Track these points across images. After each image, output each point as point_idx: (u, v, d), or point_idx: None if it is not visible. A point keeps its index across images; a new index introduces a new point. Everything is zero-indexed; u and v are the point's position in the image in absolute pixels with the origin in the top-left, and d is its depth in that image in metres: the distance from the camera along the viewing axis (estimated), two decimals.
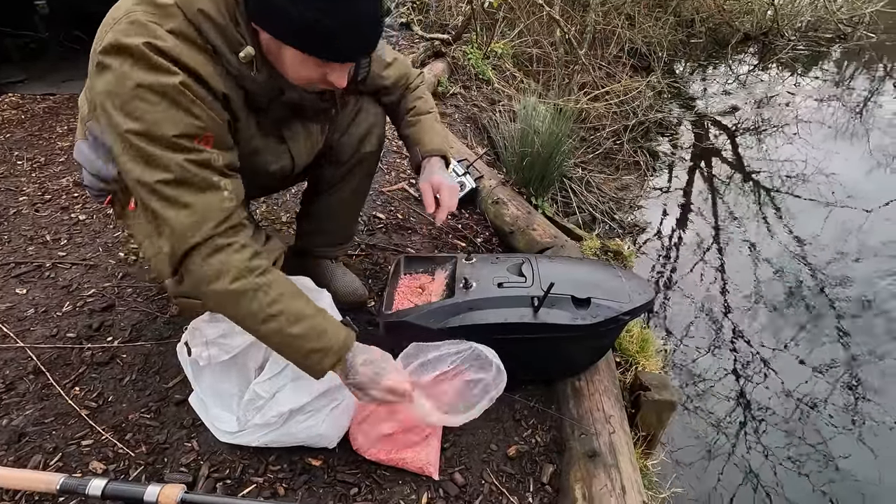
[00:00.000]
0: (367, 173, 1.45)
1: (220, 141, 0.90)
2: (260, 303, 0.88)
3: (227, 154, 0.92)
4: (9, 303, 1.47)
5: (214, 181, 0.88)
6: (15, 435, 1.12)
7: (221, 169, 0.90)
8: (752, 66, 6.45)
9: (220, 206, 0.88)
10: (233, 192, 0.91)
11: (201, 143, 0.86)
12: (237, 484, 1.07)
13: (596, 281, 1.28)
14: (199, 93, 0.85)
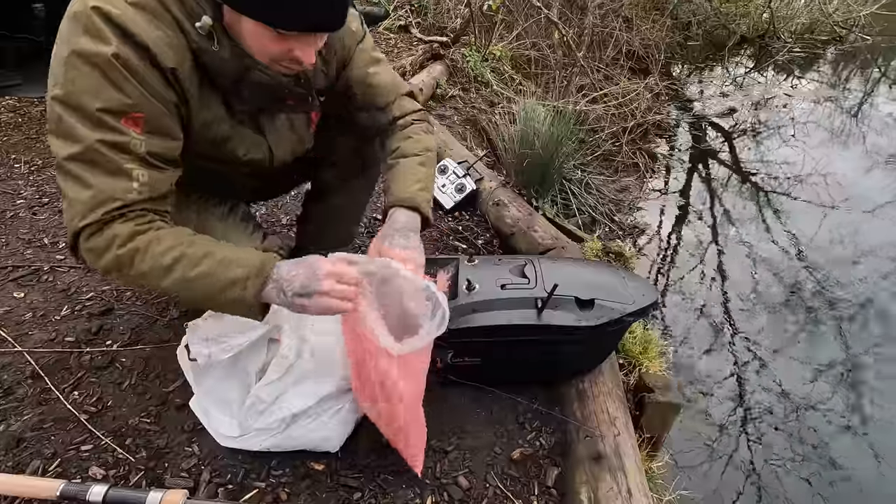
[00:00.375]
0: (370, 181, 1.42)
1: (154, 125, 0.84)
2: (153, 257, 0.82)
3: (158, 141, 0.85)
4: (6, 307, 1.46)
5: (125, 168, 0.81)
6: (13, 440, 1.10)
7: (141, 156, 0.83)
8: (749, 68, 6.48)
9: (122, 196, 0.81)
10: (146, 185, 0.83)
11: (127, 123, 0.81)
12: (239, 489, 1.05)
13: (599, 282, 1.28)
14: (135, 67, 0.79)
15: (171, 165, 0.89)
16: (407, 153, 1.14)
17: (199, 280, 0.82)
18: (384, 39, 4.36)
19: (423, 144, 1.16)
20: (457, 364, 1.25)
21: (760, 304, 2.79)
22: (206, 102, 0.93)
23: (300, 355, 1.11)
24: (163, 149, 0.86)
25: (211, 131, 0.97)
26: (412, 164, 1.12)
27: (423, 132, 1.18)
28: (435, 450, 1.17)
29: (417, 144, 1.15)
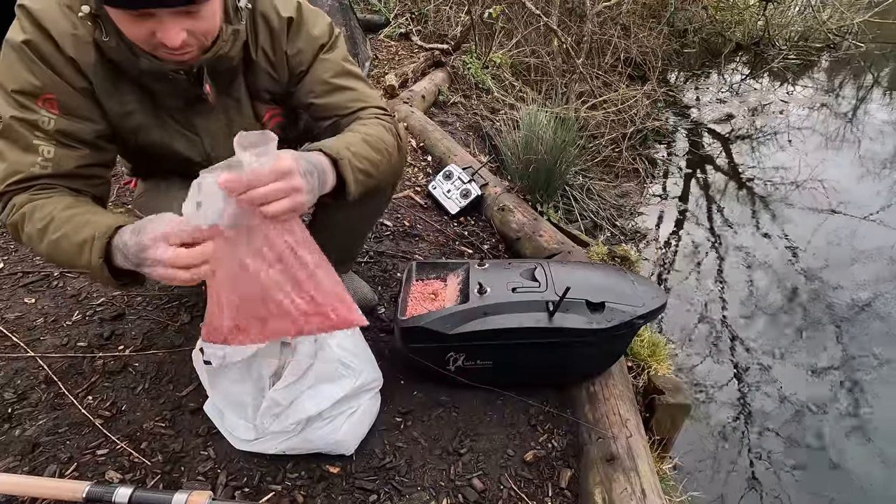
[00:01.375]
0: (376, 206, 1.37)
1: (67, 106, 0.90)
2: (33, 222, 0.85)
3: (69, 122, 0.90)
4: (18, 312, 1.46)
5: (33, 144, 0.88)
6: (29, 445, 1.11)
7: (51, 133, 0.89)
8: (745, 75, 6.56)
9: (27, 169, 0.87)
10: (50, 161, 0.89)
11: (42, 104, 0.88)
12: (255, 492, 1.06)
13: (609, 285, 1.29)
14: (44, 53, 0.87)
15: (85, 146, 0.94)
16: (355, 129, 1.02)
17: (61, 242, 0.82)
18: (385, 47, 4.39)
19: (375, 132, 1.02)
20: (468, 367, 1.27)
21: (760, 307, 2.81)
22: (120, 95, 0.96)
23: (316, 358, 1.12)
24: (74, 129, 0.92)
25: (129, 124, 1.00)
26: (353, 135, 0.99)
27: (382, 127, 1.05)
28: (448, 452, 1.18)
29: (363, 128, 1.02)
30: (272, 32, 1.03)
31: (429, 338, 1.22)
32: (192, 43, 0.88)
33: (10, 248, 1.74)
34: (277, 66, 1.06)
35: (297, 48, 1.05)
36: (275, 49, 1.04)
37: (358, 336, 1.24)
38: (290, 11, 1.04)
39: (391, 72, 3.60)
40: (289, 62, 1.06)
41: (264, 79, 1.07)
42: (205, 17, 0.86)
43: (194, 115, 1.04)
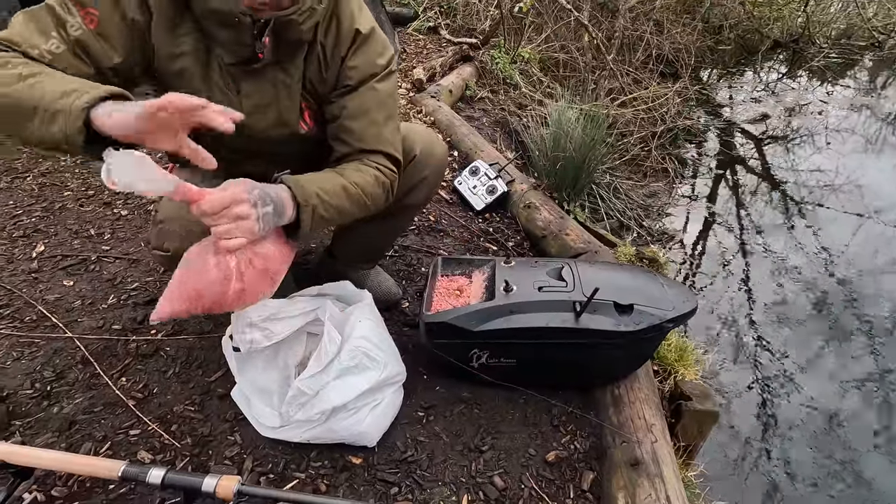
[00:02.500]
0: (407, 218, 1.40)
1: (103, 29, 0.89)
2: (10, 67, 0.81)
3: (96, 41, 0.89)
4: (57, 294, 1.51)
5: (49, 34, 0.86)
6: (66, 423, 1.15)
7: (70, 38, 0.87)
8: (782, 73, 6.34)
9: (25, 46, 0.84)
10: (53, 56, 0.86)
11: (83, 13, 0.87)
12: (280, 479, 1.08)
13: (638, 287, 1.27)
14: None
15: (91, 67, 0.91)
16: (342, 172, 1.05)
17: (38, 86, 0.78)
18: (413, 41, 4.39)
19: (362, 179, 1.05)
20: (492, 364, 1.26)
21: (790, 314, 2.73)
22: (176, 34, 0.95)
23: (341, 350, 1.13)
24: (95, 49, 0.90)
25: (175, 66, 0.98)
26: (334, 179, 1.02)
27: (374, 178, 1.07)
28: (470, 449, 1.18)
29: (357, 175, 1.05)
30: (339, 34, 1.04)
31: (453, 334, 1.21)
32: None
33: (50, 232, 1.80)
34: (330, 67, 1.06)
35: (355, 63, 1.06)
36: (334, 51, 1.05)
37: (383, 329, 1.25)
38: (364, 26, 1.05)
39: (419, 65, 3.60)
40: (340, 71, 1.06)
41: (314, 69, 1.06)
42: None
43: (243, 75, 1.02)
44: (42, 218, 1.88)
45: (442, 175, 1.36)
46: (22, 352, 1.32)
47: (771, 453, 2.04)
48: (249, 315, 1.12)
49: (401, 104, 3.08)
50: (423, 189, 1.31)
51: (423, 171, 1.28)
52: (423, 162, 1.27)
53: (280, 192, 0.92)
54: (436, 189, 1.36)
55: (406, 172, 1.24)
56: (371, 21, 1.08)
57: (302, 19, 0.95)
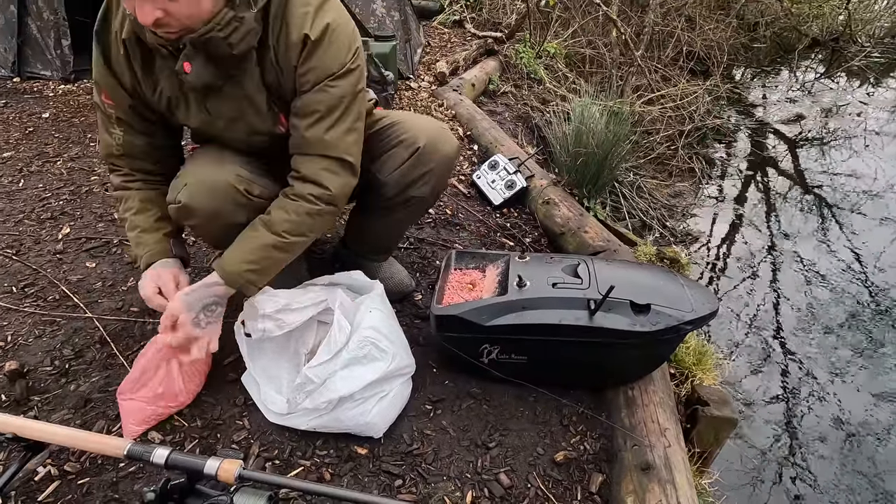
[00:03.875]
0: (414, 212, 1.38)
1: (115, 98, 1.10)
2: (121, 208, 1.20)
3: (123, 112, 1.11)
4: (80, 275, 1.55)
5: (109, 128, 1.14)
6: (81, 400, 1.17)
7: (114, 118, 1.12)
8: (820, 73, 6.11)
9: (110, 149, 1.16)
10: (122, 145, 1.14)
11: (104, 96, 1.10)
12: (285, 465, 1.08)
13: (656, 287, 1.23)
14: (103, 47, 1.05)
15: (140, 134, 1.15)
16: (271, 225, 1.09)
17: (130, 240, 1.19)
18: (438, 34, 4.37)
19: (294, 227, 1.09)
20: (502, 360, 1.24)
21: (818, 322, 2.63)
22: (151, 75, 1.08)
23: (350, 340, 1.12)
24: (128, 118, 1.13)
25: (162, 102, 1.11)
26: (263, 239, 1.08)
27: (308, 215, 1.09)
28: (477, 444, 1.16)
29: (287, 223, 1.08)
30: (288, 42, 1.01)
31: (463, 328, 1.20)
32: (172, 24, 0.89)
33: (76, 215, 1.85)
34: (285, 74, 1.06)
35: (306, 68, 1.03)
36: (286, 57, 1.04)
37: (393, 320, 1.24)
38: (314, 30, 1.00)
39: (442, 59, 3.57)
40: (296, 77, 1.05)
41: (272, 76, 1.06)
42: (184, 2, 0.87)
43: (209, 96, 1.07)
44: (69, 201, 1.93)
45: (450, 169, 1.33)
46: (44, 329, 1.36)
47: (791, 465, 1.97)
48: (264, 306, 1.13)
49: (422, 97, 3.06)
50: (427, 182, 1.27)
51: (427, 163, 1.25)
52: (427, 155, 1.24)
53: (216, 290, 1.10)
54: (443, 183, 1.33)
55: (409, 164, 1.24)
56: (329, 17, 1.02)
57: (225, 34, 0.94)
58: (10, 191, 1.98)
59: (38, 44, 3.04)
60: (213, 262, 1.16)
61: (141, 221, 1.17)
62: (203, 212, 1.12)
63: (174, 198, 1.13)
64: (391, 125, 1.28)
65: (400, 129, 1.27)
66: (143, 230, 1.17)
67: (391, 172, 1.25)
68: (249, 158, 1.19)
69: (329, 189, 1.09)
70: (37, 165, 2.17)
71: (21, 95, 2.86)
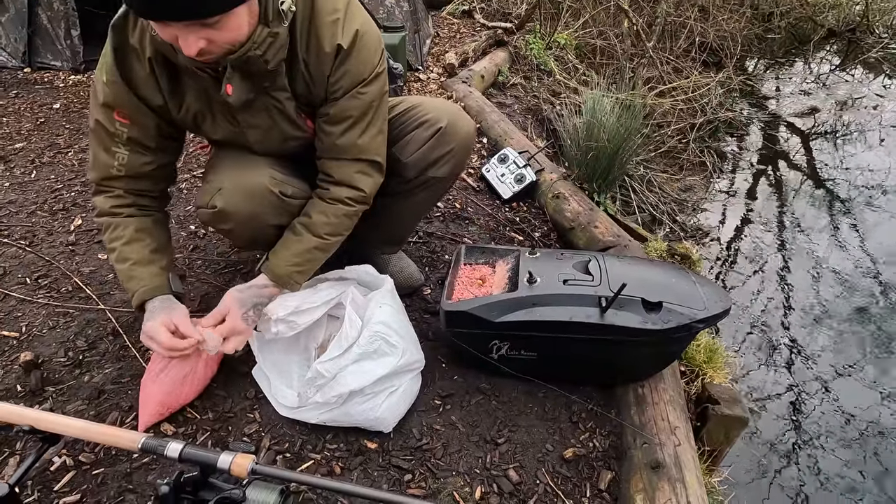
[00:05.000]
0: (432, 195, 1.39)
1: (135, 118, 1.07)
2: (108, 236, 1.13)
3: (137, 131, 1.08)
4: (92, 266, 1.56)
5: (112, 149, 1.08)
6: (95, 391, 1.19)
7: (123, 140, 1.08)
8: (835, 65, 5.99)
9: (108, 171, 1.10)
10: (125, 165, 1.09)
11: (117, 115, 1.05)
12: (296, 458, 1.09)
13: (668, 284, 1.22)
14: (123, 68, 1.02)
15: (150, 152, 1.12)
16: (313, 228, 1.15)
17: (118, 272, 1.14)
18: (447, 24, 4.32)
19: (334, 228, 1.16)
20: (512, 356, 1.24)
21: (829, 319, 2.61)
22: (179, 89, 1.06)
23: (360, 335, 1.12)
24: (141, 137, 1.09)
25: (188, 115, 1.10)
26: (307, 243, 1.15)
27: (345, 216, 1.17)
28: (486, 440, 1.17)
29: (327, 226, 1.15)
30: (319, 53, 1.03)
31: (473, 324, 1.20)
32: (214, 50, 0.89)
33: (87, 206, 1.86)
34: (316, 83, 1.07)
35: (339, 76, 1.05)
36: (318, 69, 1.05)
37: (403, 315, 1.24)
38: (345, 38, 1.02)
39: (451, 50, 3.54)
40: (327, 87, 1.07)
41: (301, 85, 1.08)
42: (226, 29, 0.87)
43: (238, 110, 1.07)
44: (81, 193, 1.94)
45: (469, 151, 1.35)
46: (57, 321, 1.37)
47: (801, 463, 1.96)
48: (276, 312, 1.13)
49: (431, 89, 3.04)
50: (448, 162, 1.29)
51: (449, 143, 1.27)
52: (449, 134, 1.26)
53: (268, 291, 1.15)
54: (462, 164, 1.35)
55: (431, 144, 1.26)
56: (357, 23, 1.03)
57: (262, 51, 0.94)
58: (23, 182, 1.99)
59: (48, 34, 3.05)
60: (261, 265, 1.18)
61: (133, 253, 1.11)
62: (240, 216, 1.14)
63: (207, 202, 1.14)
64: (410, 108, 1.31)
65: (420, 111, 1.29)
66: (136, 263, 1.11)
67: (413, 153, 1.27)
68: (278, 159, 1.20)
69: (363, 190, 1.16)
70: (48, 157, 2.18)
71: (32, 86, 2.87)
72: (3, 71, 2.97)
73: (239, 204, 1.13)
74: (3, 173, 2.03)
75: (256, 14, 0.92)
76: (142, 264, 1.11)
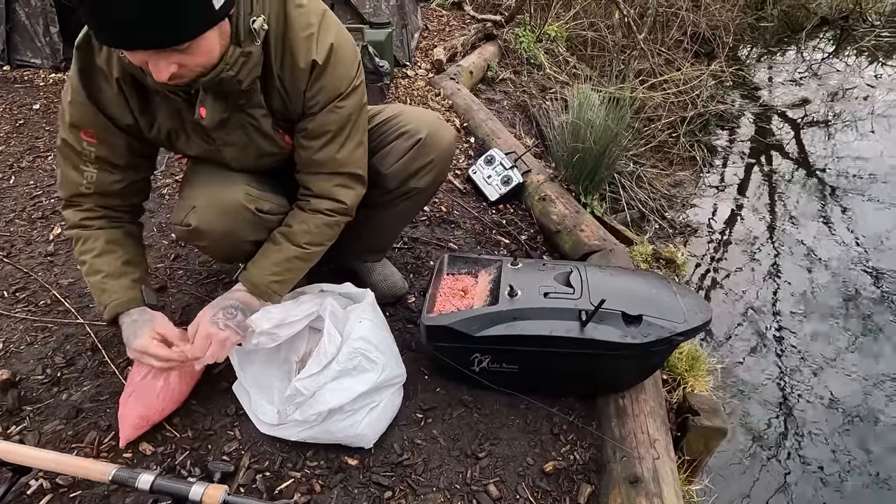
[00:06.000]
0: (414, 204, 1.38)
1: (103, 138, 1.05)
2: (78, 249, 1.12)
3: (106, 150, 1.06)
4: (71, 278, 1.54)
5: (80, 167, 1.07)
6: (73, 410, 1.18)
7: (91, 160, 1.06)
8: (828, 53, 5.97)
9: (77, 188, 1.08)
10: (94, 183, 1.08)
11: (84, 135, 1.04)
12: (276, 477, 1.09)
13: (649, 296, 1.22)
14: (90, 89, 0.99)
15: (119, 170, 1.10)
16: (292, 238, 1.14)
17: (90, 285, 1.12)
18: (436, 16, 4.26)
19: (314, 238, 1.15)
20: (493, 370, 1.24)
21: (818, 312, 2.62)
22: (150, 108, 1.05)
23: (339, 351, 1.12)
24: (109, 156, 1.07)
25: (161, 134, 1.09)
26: (286, 252, 1.14)
27: (326, 226, 1.16)
28: (467, 454, 1.17)
29: (307, 235, 1.14)
30: (294, 69, 1.01)
31: (453, 338, 1.19)
32: (185, 74, 0.88)
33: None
34: (292, 99, 1.05)
35: (315, 91, 1.04)
36: (294, 85, 1.03)
37: (384, 329, 1.23)
38: (320, 54, 1.00)
39: (440, 44, 3.49)
40: (304, 101, 1.05)
41: (277, 101, 1.06)
42: (197, 53, 0.85)
43: (214, 127, 1.05)
44: (60, 200, 1.91)
45: (449, 161, 1.34)
46: (35, 336, 1.35)
47: (783, 465, 1.98)
48: (260, 324, 1.12)
49: (419, 86, 3.00)
50: (430, 173, 1.29)
51: (429, 154, 1.26)
52: (429, 145, 1.25)
53: (242, 297, 1.12)
54: (444, 174, 1.35)
55: (411, 155, 1.25)
56: (331, 36, 1.01)
57: (235, 71, 0.93)
58: (1, 188, 1.96)
59: (27, 30, 2.98)
60: (238, 275, 1.17)
61: (104, 265, 1.09)
62: (214, 234, 1.13)
63: (182, 219, 1.13)
64: (390, 118, 1.29)
65: (400, 121, 1.27)
66: (108, 275, 1.09)
67: (393, 164, 1.26)
68: (255, 174, 1.19)
69: (344, 202, 1.16)
70: (27, 161, 2.15)
71: (11, 85, 2.82)
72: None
73: (213, 222, 1.12)
74: None
75: (228, 34, 0.90)
76: (113, 277, 1.10)
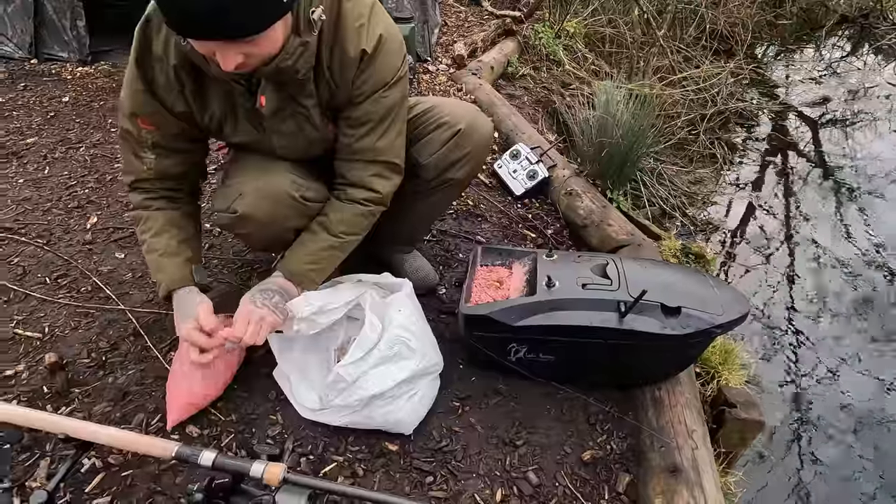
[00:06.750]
0: (449, 195, 1.40)
1: (159, 124, 1.09)
2: (139, 228, 1.18)
3: (163, 136, 1.10)
4: (110, 266, 1.57)
5: (139, 153, 1.12)
6: (120, 393, 1.21)
7: (149, 145, 1.11)
8: (847, 52, 5.90)
9: (138, 173, 1.14)
10: (153, 168, 1.13)
11: (142, 123, 1.08)
12: (319, 461, 1.11)
13: (687, 289, 1.23)
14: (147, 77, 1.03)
15: (177, 153, 1.14)
16: (329, 227, 1.17)
17: (148, 262, 1.18)
18: (454, 13, 4.27)
19: (349, 227, 1.18)
20: (530, 359, 1.25)
21: (844, 313, 2.61)
22: (204, 94, 1.07)
23: (381, 339, 1.14)
24: (166, 142, 1.12)
25: (213, 121, 1.11)
26: (323, 241, 1.17)
27: (361, 216, 1.18)
28: (504, 442, 1.18)
29: (343, 224, 1.17)
30: (344, 59, 1.04)
31: (492, 328, 1.21)
32: (251, 63, 0.91)
33: (102, 204, 1.86)
34: (340, 88, 1.08)
35: (363, 80, 1.06)
36: (343, 74, 1.06)
37: (422, 319, 1.25)
38: (369, 44, 1.03)
39: (460, 40, 3.50)
40: (352, 90, 1.08)
41: (325, 91, 1.08)
42: (263, 44, 0.88)
43: (263, 116, 1.08)
44: (94, 189, 1.95)
45: (487, 152, 1.36)
46: (79, 321, 1.38)
47: (818, 462, 1.97)
48: (300, 310, 1.14)
49: (440, 81, 3.01)
50: (466, 164, 1.30)
51: (467, 145, 1.28)
52: (468, 136, 1.27)
53: (280, 283, 1.14)
54: (480, 166, 1.37)
55: (449, 146, 1.26)
56: (381, 27, 1.04)
57: (293, 61, 0.96)
58: (37, 178, 1.99)
59: (54, 25, 3.02)
60: (276, 264, 1.20)
61: (160, 244, 1.15)
62: (260, 221, 1.15)
63: (227, 206, 1.15)
64: (429, 109, 1.31)
65: (438, 112, 1.29)
66: (163, 254, 1.14)
67: (431, 155, 1.27)
68: (296, 163, 1.21)
69: (379, 192, 1.17)
70: (60, 152, 2.18)
71: (40, 78, 2.86)
72: (10, 62, 2.95)
73: (260, 209, 1.14)
74: (17, 169, 2.03)
75: (290, 25, 0.93)
76: (168, 255, 1.14)
